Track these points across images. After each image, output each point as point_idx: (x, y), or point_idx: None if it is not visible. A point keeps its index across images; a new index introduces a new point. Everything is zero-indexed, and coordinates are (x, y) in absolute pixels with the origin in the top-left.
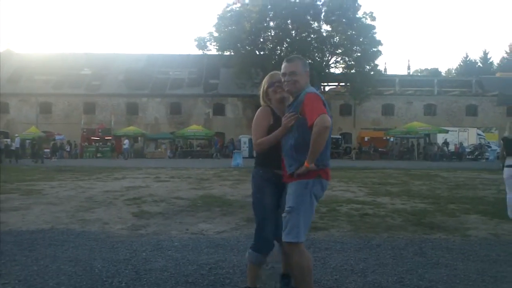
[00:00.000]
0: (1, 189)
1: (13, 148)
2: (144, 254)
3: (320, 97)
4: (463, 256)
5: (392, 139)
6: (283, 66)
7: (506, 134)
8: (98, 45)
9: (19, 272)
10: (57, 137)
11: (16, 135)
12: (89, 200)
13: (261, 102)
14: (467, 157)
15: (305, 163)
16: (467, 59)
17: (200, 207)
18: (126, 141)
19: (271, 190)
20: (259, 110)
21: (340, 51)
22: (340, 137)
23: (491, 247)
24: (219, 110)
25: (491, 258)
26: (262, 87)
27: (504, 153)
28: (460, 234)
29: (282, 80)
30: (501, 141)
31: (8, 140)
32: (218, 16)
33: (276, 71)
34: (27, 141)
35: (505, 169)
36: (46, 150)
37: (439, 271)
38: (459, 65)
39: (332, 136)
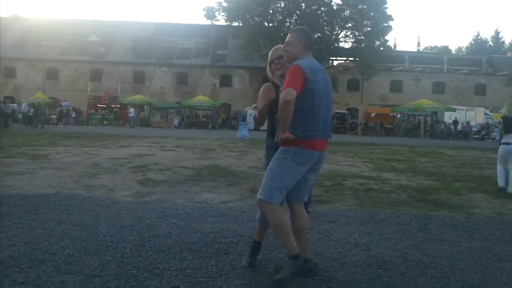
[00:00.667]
0: (7, 153)
1: (28, 113)
2: (148, 221)
3: (300, 68)
4: (467, 233)
5: (399, 115)
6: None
7: (505, 112)
8: (105, 12)
9: (24, 234)
10: (63, 103)
11: (23, 100)
12: (94, 167)
13: (268, 75)
14: (474, 136)
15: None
16: (478, 38)
17: (205, 177)
18: (132, 110)
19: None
20: (262, 86)
21: (350, 25)
22: (346, 112)
23: (495, 225)
24: (226, 81)
25: (495, 237)
26: (268, 61)
27: (503, 131)
28: (465, 212)
29: (273, 66)
30: (500, 119)
31: (15, 105)
32: None
33: (279, 45)
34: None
35: (501, 146)
36: (52, 116)
37: (443, 248)
38: (470, 43)
39: (338, 111)
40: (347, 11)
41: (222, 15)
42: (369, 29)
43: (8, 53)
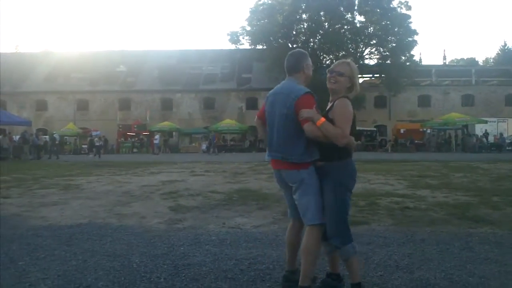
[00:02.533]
0: (41, 184)
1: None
2: (182, 248)
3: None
4: None
5: (429, 130)
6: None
7: None
8: (132, 42)
9: (58, 266)
10: (93, 133)
11: (54, 132)
12: (126, 195)
13: (342, 89)
14: (507, 148)
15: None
16: (506, 48)
17: (236, 201)
18: (156, 137)
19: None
20: (344, 101)
21: (374, 41)
22: (375, 129)
23: None
24: (252, 104)
25: None
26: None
27: None
28: (508, 228)
29: (328, 76)
30: None
31: (47, 137)
32: (250, 9)
33: (344, 60)
34: (65, 137)
35: None
36: (83, 145)
37: (489, 267)
38: (497, 54)
39: (366, 128)
40: (371, 28)
41: (246, 39)
42: (394, 44)
43: (40, 87)
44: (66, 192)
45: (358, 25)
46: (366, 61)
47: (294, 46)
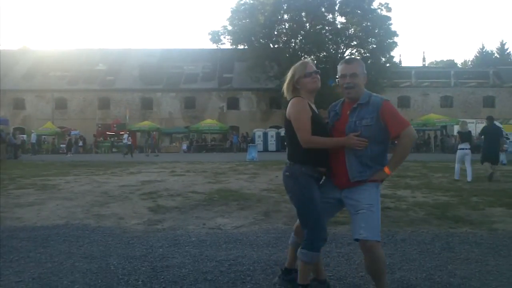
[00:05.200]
0: (17, 184)
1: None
2: (160, 250)
3: None
4: (493, 251)
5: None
6: (341, 67)
7: (459, 129)
8: (112, 41)
9: (33, 269)
10: (72, 132)
11: (32, 131)
12: (104, 195)
13: (287, 93)
14: None
15: (387, 170)
16: (484, 50)
17: (217, 201)
18: (125, 136)
19: (316, 186)
20: (295, 101)
21: (355, 43)
22: None
23: None
24: (233, 104)
25: None
26: (291, 77)
27: (459, 140)
28: (487, 228)
29: (342, 82)
30: (457, 134)
31: (24, 136)
32: (231, 9)
33: (306, 60)
34: (43, 136)
35: (458, 151)
36: (62, 145)
37: (470, 267)
38: (475, 56)
39: None
40: (352, 29)
41: (228, 39)
42: (374, 46)
43: (18, 85)
44: (43, 192)
45: (339, 26)
46: None
47: (276, 46)
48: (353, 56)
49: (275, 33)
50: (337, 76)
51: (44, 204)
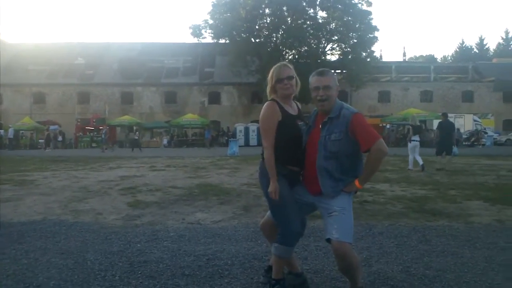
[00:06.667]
0: None
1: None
2: (138, 245)
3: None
4: (469, 243)
5: (388, 126)
6: (314, 79)
7: (411, 122)
8: (92, 34)
9: (7, 266)
10: (51, 127)
11: (10, 125)
12: (82, 190)
13: (268, 94)
14: (464, 143)
15: (357, 184)
16: (463, 45)
17: (197, 196)
18: (104, 130)
19: (286, 183)
20: (266, 106)
21: (336, 37)
22: None
23: (496, 233)
24: (214, 98)
25: (497, 245)
26: (270, 80)
27: (412, 133)
28: (464, 220)
29: (314, 94)
30: (410, 127)
31: (1, 131)
32: (212, 3)
33: (284, 63)
34: (21, 131)
35: (412, 142)
36: (40, 140)
37: (446, 260)
38: (455, 51)
39: None
40: (333, 24)
41: (209, 33)
42: (355, 41)
43: None
44: (21, 188)
45: (320, 20)
46: (328, 57)
47: (257, 40)
48: (325, 68)
49: (257, 27)
50: (310, 88)
51: (21, 200)
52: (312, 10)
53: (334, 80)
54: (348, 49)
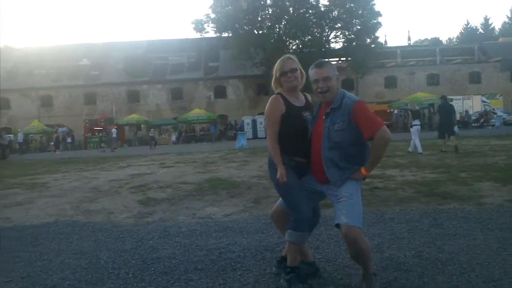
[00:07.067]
0: (5, 184)
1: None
2: (151, 242)
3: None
4: (481, 225)
5: (396, 111)
6: (313, 72)
7: (410, 107)
8: (95, 35)
9: (22, 268)
10: (59, 129)
11: (19, 130)
12: (93, 190)
13: (274, 88)
14: (473, 124)
15: (363, 171)
16: (468, 26)
17: (207, 191)
18: (113, 130)
19: (294, 174)
20: (270, 100)
21: (339, 25)
22: None
23: (508, 214)
24: (220, 92)
25: (510, 226)
26: (274, 73)
27: (411, 117)
28: (475, 202)
29: (315, 87)
30: (409, 112)
31: (11, 135)
32: None
33: (288, 56)
34: (30, 135)
35: (413, 126)
36: (50, 143)
37: (458, 242)
38: (460, 33)
39: None
40: (335, 11)
41: (211, 27)
42: (358, 27)
43: (1, 85)
44: (32, 191)
45: (322, 8)
46: (332, 45)
47: (260, 32)
48: (322, 60)
49: (259, 19)
50: (310, 81)
51: (33, 203)
52: None
53: (333, 70)
54: (352, 36)
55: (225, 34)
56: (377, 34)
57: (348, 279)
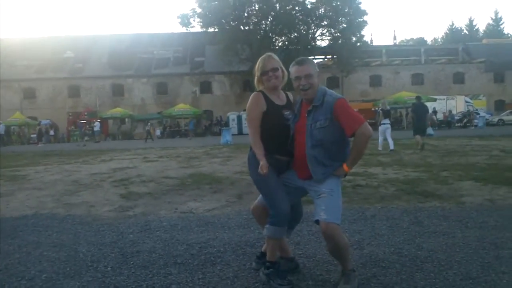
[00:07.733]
0: None
1: None
2: (131, 236)
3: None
4: (461, 223)
5: (380, 110)
6: (294, 69)
7: (382, 107)
8: (80, 27)
9: (0, 261)
10: (42, 121)
11: (0, 121)
12: (75, 184)
13: (256, 85)
14: (456, 124)
15: (345, 167)
16: (453, 27)
17: (189, 186)
18: (96, 123)
19: (272, 170)
20: (251, 97)
21: (325, 23)
22: None
23: (487, 213)
24: (206, 88)
25: (489, 225)
26: (256, 72)
27: (381, 117)
28: (455, 201)
29: (296, 84)
30: (380, 111)
31: None
32: None
33: (269, 54)
34: (12, 127)
35: (381, 125)
36: (32, 135)
37: (437, 240)
38: (445, 33)
39: None
40: (322, 9)
41: (198, 22)
42: (344, 25)
43: None
44: (12, 183)
45: (309, 6)
46: (318, 43)
47: (246, 28)
48: (303, 57)
49: (245, 15)
50: (291, 78)
51: (13, 195)
52: None
53: (314, 68)
54: (338, 34)
55: (211, 29)
56: (362, 32)
57: (327, 275)
